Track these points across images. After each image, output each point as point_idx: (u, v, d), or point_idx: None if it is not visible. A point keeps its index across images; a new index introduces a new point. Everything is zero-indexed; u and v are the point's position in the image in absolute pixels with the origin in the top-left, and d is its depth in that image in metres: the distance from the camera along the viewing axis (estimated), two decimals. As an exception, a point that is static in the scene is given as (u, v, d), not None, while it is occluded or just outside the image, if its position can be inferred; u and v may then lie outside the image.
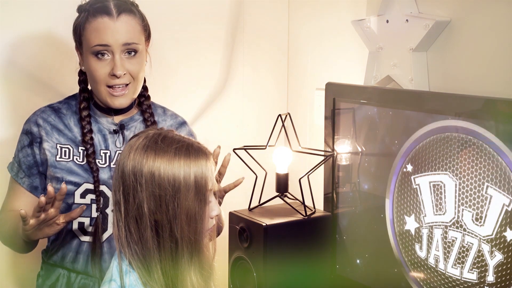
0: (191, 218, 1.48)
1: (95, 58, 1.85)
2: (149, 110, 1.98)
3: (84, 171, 1.90)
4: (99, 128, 1.94)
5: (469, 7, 1.82)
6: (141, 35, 1.89)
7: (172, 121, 2.03)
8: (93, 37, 1.84)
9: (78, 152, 1.91)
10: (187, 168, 1.48)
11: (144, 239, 1.48)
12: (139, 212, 1.47)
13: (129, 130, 1.96)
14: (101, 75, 1.85)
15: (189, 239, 1.48)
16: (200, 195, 1.49)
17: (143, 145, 1.50)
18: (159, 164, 1.47)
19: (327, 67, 2.40)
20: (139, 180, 1.47)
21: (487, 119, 1.55)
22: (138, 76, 1.89)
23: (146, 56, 1.94)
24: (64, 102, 1.98)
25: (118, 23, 1.84)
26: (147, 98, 1.99)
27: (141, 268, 1.50)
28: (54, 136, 1.91)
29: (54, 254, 1.95)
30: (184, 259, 1.49)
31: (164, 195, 1.47)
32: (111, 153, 1.93)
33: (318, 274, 2.02)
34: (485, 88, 1.77)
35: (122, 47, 1.84)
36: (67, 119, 1.94)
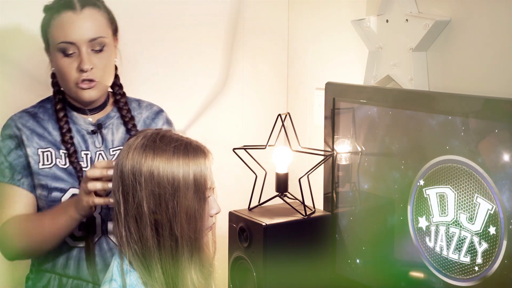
0: (190, 217, 1.48)
1: (62, 55, 1.81)
2: (126, 107, 1.96)
3: (68, 175, 1.87)
4: (77, 129, 1.91)
5: (469, 7, 1.82)
6: (108, 28, 1.86)
7: (148, 112, 2.00)
8: (58, 33, 1.81)
9: (60, 155, 1.88)
10: (186, 166, 1.48)
11: (144, 238, 1.48)
12: (138, 211, 1.47)
13: (107, 128, 1.93)
14: (69, 72, 1.82)
15: (189, 237, 1.48)
16: (200, 193, 1.50)
17: (142, 145, 1.50)
18: (158, 163, 1.47)
19: (327, 67, 2.40)
20: (138, 179, 1.47)
21: (487, 119, 1.59)
22: (106, 72, 1.85)
23: (116, 52, 1.91)
24: (39, 106, 1.93)
25: (82, 17, 1.80)
26: (123, 96, 1.97)
27: (141, 267, 1.50)
28: (34, 140, 1.87)
29: (44, 261, 1.91)
30: (184, 257, 1.49)
31: (163, 194, 1.47)
32: (92, 155, 1.90)
33: (318, 273, 2.02)
34: (485, 88, 1.77)
35: (88, 43, 1.81)
36: (45, 123, 1.90)
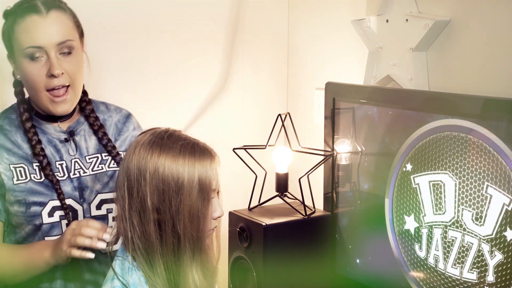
0: (193, 216, 1.49)
1: (29, 61, 1.72)
2: (93, 115, 1.88)
3: (45, 188, 1.78)
4: (48, 139, 1.82)
5: (469, 7, 1.82)
6: (74, 31, 1.78)
7: (118, 115, 1.95)
8: (24, 38, 1.71)
9: (34, 170, 1.78)
10: (191, 166, 1.49)
11: (147, 233, 1.49)
12: (142, 206, 1.49)
13: (79, 135, 1.86)
14: (38, 79, 1.73)
15: (192, 236, 1.49)
16: (204, 194, 1.50)
17: (149, 141, 1.52)
18: (164, 160, 1.49)
19: (327, 67, 2.40)
20: (144, 174, 1.48)
21: (487, 118, 1.55)
22: (76, 77, 1.78)
23: (83, 56, 1.83)
24: (3, 118, 1.83)
25: (49, 20, 1.72)
26: (89, 103, 1.89)
27: (144, 262, 1.51)
28: (4, 156, 1.77)
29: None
30: (186, 256, 1.50)
31: (167, 190, 1.48)
32: (67, 163, 1.82)
33: (318, 273, 2.02)
34: (485, 87, 1.77)
35: (57, 46, 1.73)
36: (13, 136, 1.79)
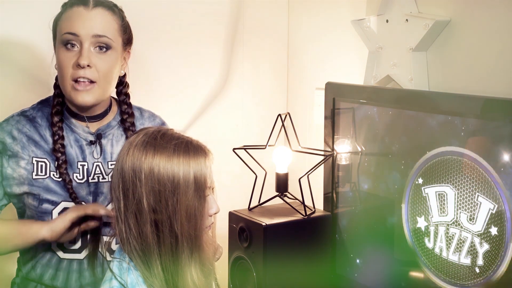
0: (190, 215, 1.49)
1: (64, 49, 1.74)
2: (131, 119, 1.88)
3: (61, 188, 1.80)
4: (76, 138, 1.83)
5: (469, 7, 1.82)
6: (117, 34, 1.79)
7: (150, 124, 1.95)
8: (64, 25, 1.75)
9: (55, 167, 1.80)
10: (186, 165, 1.49)
11: (143, 234, 1.48)
12: (138, 208, 1.48)
13: (106, 139, 1.86)
14: (67, 66, 1.73)
15: (189, 235, 1.49)
16: (200, 192, 1.50)
17: (143, 142, 1.50)
18: (158, 161, 1.48)
19: (327, 67, 2.40)
20: (139, 175, 1.47)
21: (487, 118, 1.58)
22: (107, 75, 1.77)
23: (122, 60, 1.83)
24: (37, 109, 1.85)
25: (92, 14, 1.74)
26: (129, 106, 1.89)
27: (141, 264, 1.50)
28: (30, 148, 1.79)
29: (31, 271, 1.86)
30: (184, 255, 1.49)
31: (163, 191, 1.47)
32: (89, 166, 1.83)
33: (318, 273, 2.01)
34: (485, 88, 1.77)
35: (92, 38, 1.73)
36: (43, 130, 1.82)
